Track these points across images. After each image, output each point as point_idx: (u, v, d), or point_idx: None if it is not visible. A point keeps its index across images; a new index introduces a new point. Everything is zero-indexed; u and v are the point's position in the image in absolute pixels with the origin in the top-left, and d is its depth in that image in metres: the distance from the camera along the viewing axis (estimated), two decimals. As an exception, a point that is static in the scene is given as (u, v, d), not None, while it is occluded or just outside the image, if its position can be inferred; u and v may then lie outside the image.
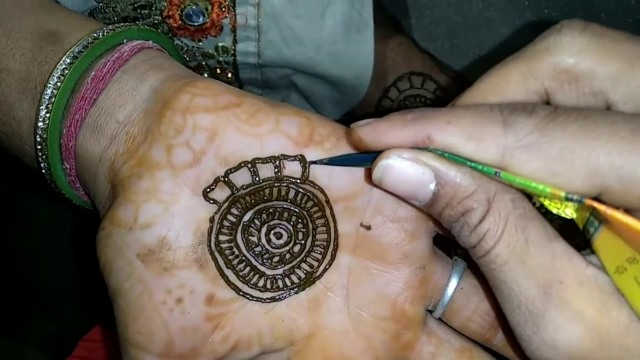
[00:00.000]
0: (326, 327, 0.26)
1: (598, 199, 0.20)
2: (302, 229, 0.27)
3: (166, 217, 0.25)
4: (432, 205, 0.23)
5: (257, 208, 0.26)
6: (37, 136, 0.27)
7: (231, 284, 0.26)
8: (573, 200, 0.20)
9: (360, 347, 0.26)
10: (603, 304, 0.20)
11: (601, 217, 0.20)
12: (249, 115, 0.25)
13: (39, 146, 0.27)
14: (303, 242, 0.27)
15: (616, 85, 0.21)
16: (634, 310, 0.20)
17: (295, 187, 0.26)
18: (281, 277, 0.26)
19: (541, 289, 0.21)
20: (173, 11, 0.37)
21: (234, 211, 0.26)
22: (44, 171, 0.28)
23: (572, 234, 0.24)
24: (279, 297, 0.26)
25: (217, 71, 0.44)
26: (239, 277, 0.26)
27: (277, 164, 0.25)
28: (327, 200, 0.26)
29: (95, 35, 0.27)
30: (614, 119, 0.19)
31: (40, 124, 0.27)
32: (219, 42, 0.40)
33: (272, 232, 0.26)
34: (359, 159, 0.25)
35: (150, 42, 0.29)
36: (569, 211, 0.22)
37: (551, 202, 0.22)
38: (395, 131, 0.22)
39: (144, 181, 0.25)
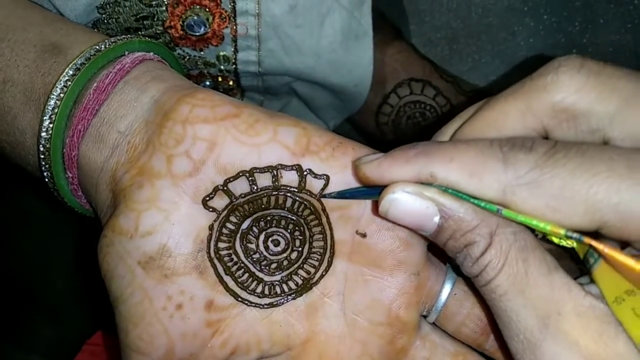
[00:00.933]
0: (323, 332, 0.27)
1: (598, 232, 0.20)
2: (299, 237, 0.27)
3: (166, 225, 0.25)
4: (436, 236, 0.23)
5: (255, 216, 0.27)
6: (40, 146, 0.27)
7: (230, 290, 0.26)
8: (572, 238, 0.21)
9: (356, 352, 0.27)
10: (600, 335, 0.20)
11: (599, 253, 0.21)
12: (248, 126, 0.26)
13: (42, 155, 0.28)
14: (300, 249, 0.27)
15: (614, 123, 0.21)
16: (631, 339, 0.20)
17: (292, 196, 0.26)
18: (279, 284, 0.27)
19: (540, 320, 0.21)
20: (175, 22, 0.38)
21: (233, 219, 0.26)
22: (46, 180, 0.29)
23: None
24: (276, 303, 0.27)
25: (219, 79, 0.45)
26: (238, 284, 0.26)
27: (275, 173, 0.26)
28: (324, 209, 0.26)
29: (98, 47, 0.28)
30: (611, 155, 0.20)
31: (43, 133, 0.27)
32: (220, 52, 0.41)
33: (270, 239, 0.27)
34: (366, 192, 0.25)
35: (151, 54, 0.30)
36: (570, 241, 0.23)
37: None
38: (399, 168, 0.23)
39: (145, 190, 0.25)
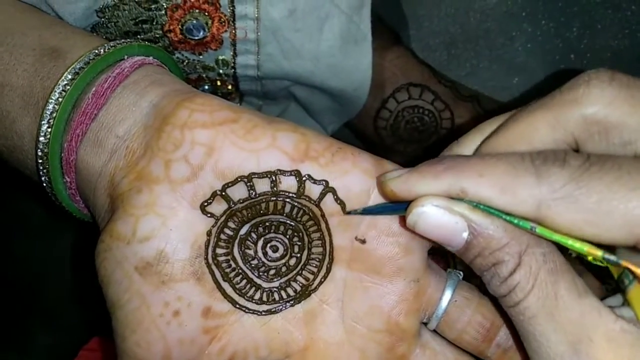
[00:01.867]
0: (321, 339, 0.27)
1: (636, 247, 0.20)
2: (298, 243, 0.27)
3: (164, 231, 0.25)
4: (464, 253, 0.23)
5: (253, 222, 0.26)
6: (39, 150, 0.27)
7: (228, 296, 0.26)
8: (610, 262, 0.20)
9: None
10: None
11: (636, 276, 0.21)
12: (246, 131, 0.26)
13: (40, 160, 0.28)
14: (299, 255, 0.27)
15: None
16: None
17: (291, 202, 0.26)
18: (277, 290, 0.27)
19: (570, 345, 0.21)
20: (174, 26, 0.38)
21: (231, 225, 0.26)
22: (44, 184, 0.28)
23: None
24: (275, 309, 0.27)
25: (218, 83, 0.45)
26: (236, 290, 0.26)
27: (273, 178, 0.26)
28: (323, 215, 0.26)
29: (97, 51, 0.28)
30: None
31: (41, 138, 0.27)
32: (219, 56, 0.41)
33: (269, 245, 0.27)
34: (392, 208, 0.25)
35: (150, 58, 0.30)
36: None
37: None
38: (428, 183, 0.22)
39: (143, 195, 0.25)
